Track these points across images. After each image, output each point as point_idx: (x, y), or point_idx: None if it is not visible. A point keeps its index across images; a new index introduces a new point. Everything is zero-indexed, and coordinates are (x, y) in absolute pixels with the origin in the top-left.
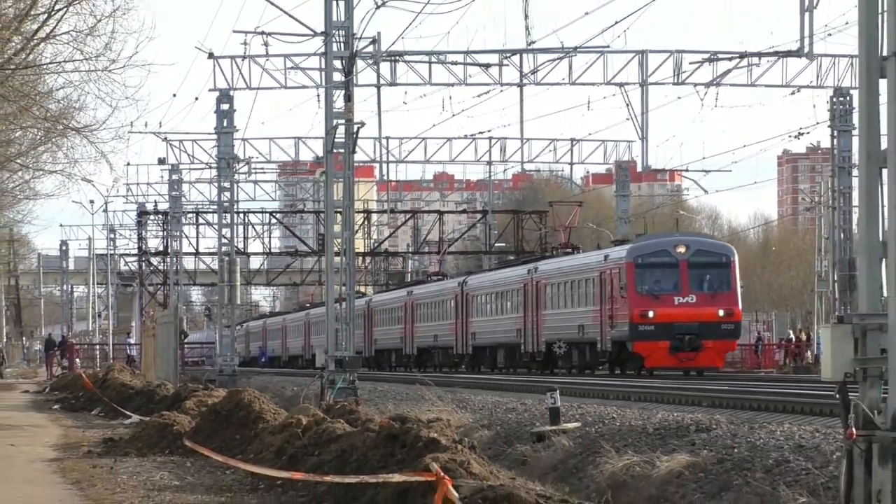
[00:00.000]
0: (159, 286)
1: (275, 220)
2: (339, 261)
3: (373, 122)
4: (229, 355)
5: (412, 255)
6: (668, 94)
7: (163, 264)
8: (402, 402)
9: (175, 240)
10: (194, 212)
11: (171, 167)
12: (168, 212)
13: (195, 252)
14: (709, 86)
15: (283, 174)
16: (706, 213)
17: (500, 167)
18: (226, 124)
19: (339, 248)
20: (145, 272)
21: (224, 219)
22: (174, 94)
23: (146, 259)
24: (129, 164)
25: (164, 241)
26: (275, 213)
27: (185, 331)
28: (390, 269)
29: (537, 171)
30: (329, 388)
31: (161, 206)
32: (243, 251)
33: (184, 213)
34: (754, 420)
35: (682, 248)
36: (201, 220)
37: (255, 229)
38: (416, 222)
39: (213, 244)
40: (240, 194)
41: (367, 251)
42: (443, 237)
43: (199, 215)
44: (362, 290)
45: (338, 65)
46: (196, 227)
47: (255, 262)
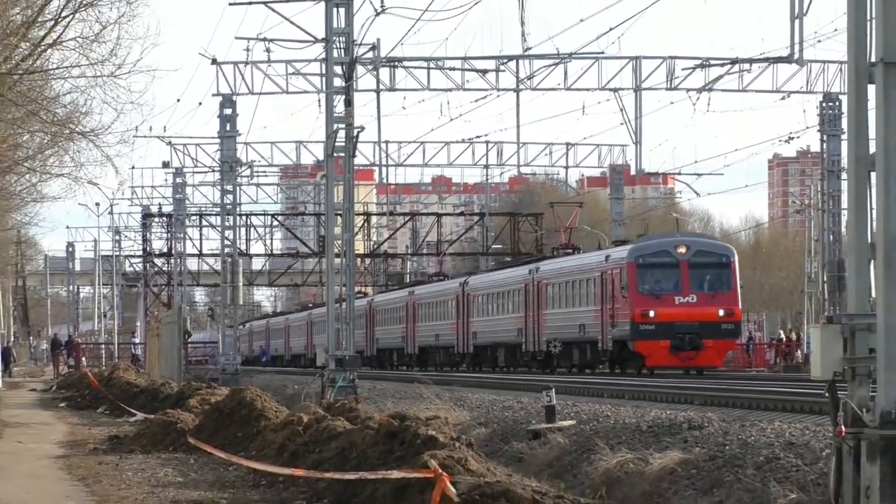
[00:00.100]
0: (163, 287)
1: (276, 223)
2: (339, 262)
3: (372, 127)
4: (232, 354)
5: (411, 257)
6: (661, 99)
7: (167, 265)
8: (401, 401)
9: (179, 241)
10: (198, 214)
11: (175, 170)
12: (172, 214)
13: (198, 253)
14: (701, 91)
15: (284, 177)
16: (698, 215)
17: (497, 171)
18: (228, 128)
19: (340, 249)
20: (150, 273)
21: (227, 221)
22: (178, 99)
23: (151, 260)
24: (134, 167)
25: (169, 242)
26: (276, 216)
27: (189, 330)
28: (389, 271)
29: (533, 175)
30: (329, 386)
31: (165, 209)
32: (245, 252)
33: (187, 215)
34: (745, 418)
35: (682, 249)
36: (204, 223)
37: (257, 231)
38: (415, 224)
39: (216, 246)
40: (242, 197)
41: (366, 253)
42: (441, 239)
43: (203, 217)
44: (364, 290)
45: (338, 70)
46: (199, 229)
47: (257, 264)
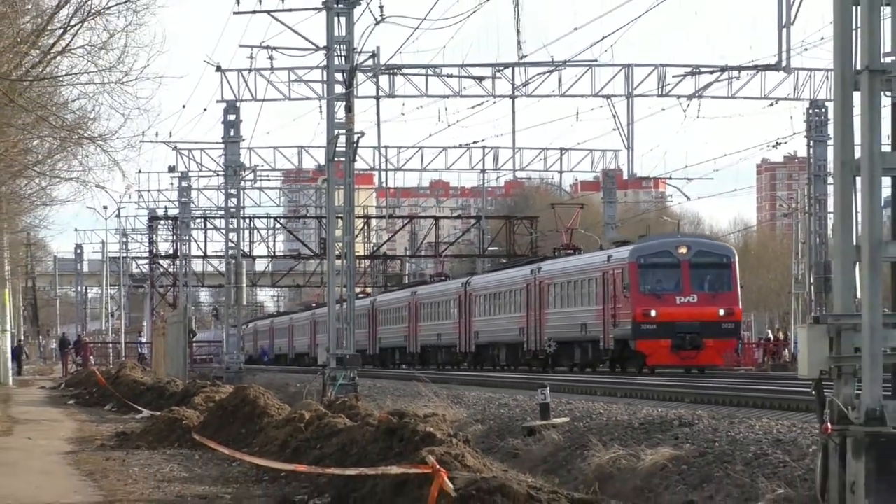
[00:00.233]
0: (169, 287)
1: (279, 225)
2: (340, 263)
3: (372, 132)
4: (236, 353)
5: (410, 259)
6: (652, 105)
7: (172, 267)
8: (400, 398)
9: (184, 243)
10: (202, 217)
11: (181, 174)
12: (178, 217)
13: (203, 255)
14: (691, 98)
15: (286, 181)
16: (689, 218)
17: (493, 175)
18: (233, 134)
19: (340, 251)
20: (156, 274)
21: (231, 223)
22: (184, 106)
23: (157, 262)
24: (140, 171)
25: (174, 244)
26: (279, 219)
27: (194, 330)
28: (389, 272)
29: (528, 179)
30: (331, 384)
31: (171, 212)
32: (249, 254)
33: (192, 218)
34: (734, 415)
35: (683, 249)
36: (209, 225)
37: (260, 233)
38: (414, 227)
39: (220, 248)
40: (246, 200)
41: (366, 254)
42: (439, 241)
43: (207, 220)
44: (366, 290)
45: (339, 77)
46: (204, 232)
47: (261, 265)
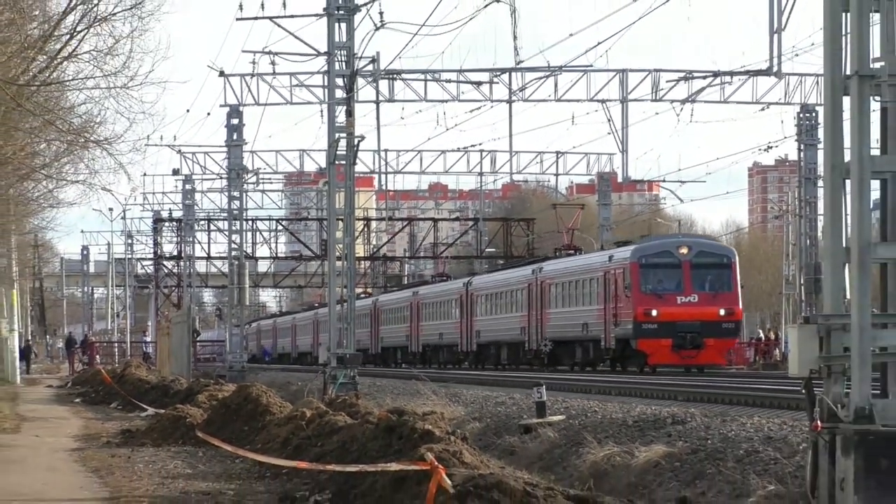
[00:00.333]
0: (173, 288)
1: (281, 227)
2: (340, 265)
3: (372, 136)
4: (238, 352)
5: (409, 260)
6: (646, 110)
7: (177, 268)
8: (399, 397)
9: (188, 245)
10: (206, 219)
11: (185, 177)
12: (182, 219)
13: (207, 256)
14: (684, 102)
15: (288, 184)
16: (682, 220)
17: (491, 178)
18: (235, 137)
19: (341, 252)
20: (160, 275)
21: (234, 225)
22: (188, 110)
23: (161, 263)
24: (145, 174)
25: (178, 246)
26: (281, 221)
27: (198, 330)
28: (388, 273)
29: (525, 182)
30: (331, 383)
31: (175, 214)
32: (251, 255)
33: (196, 220)
34: (726, 413)
35: (684, 250)
36: (212, 227)
37: (262, 235)
38: (413, 229)
39: (223, 249)
40: (248, 203)
41: (366, 256)
42: (437, 242)
43: (211, 222)
44: (367, 291)
45: (339, 82)
46: (208, 234)
47: (263, 266)
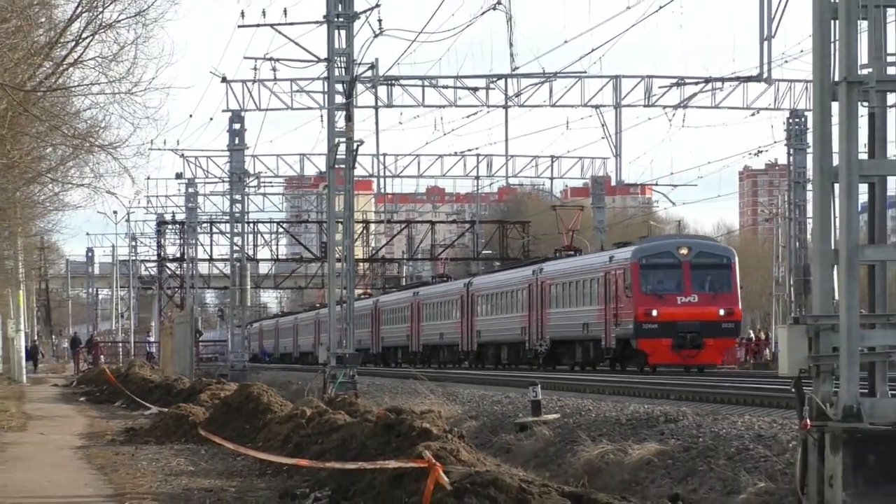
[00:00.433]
0: (176, 289)
1: (281, 230)
2: (340, 266)
3: (371, 141)
4: (240, 352)
5: (407, 261)
6: (639, 115)
7: (180, 269)
8: (397, 396)
9: (191, 247)
10: (208, 222)
11: (188, 181)
12: (185, 222)
13: (209, 258)
14: (677, 108)
15: (289, 187)
16: (674, 223)
17: (487, 181)
18: (237, 142)
19: (341, 254)
20: (164, 276)
21: (235, 228)
22: (191, 115)
23: (164, 265)
24: (149, 178)
25: (181, 248)
26: (282, 223)
27: (200, 330)
28: (387, 274)
29: (520, 185)
30: (331, 382)
31: (178, 217)
32: (253, 257)
33: (199, 223)
34: (718, 412)
35: (684, 250)
36: (215, 230)
37: (263, 238)
38: (411, 231)
39: (225, 251)
40: (250, 206)
41: (365, 257)
42: (435, 245)
43: (213, 225)
44: (367, 291)
45: (339, 88)
46: (210, 236)
47: (264, 268)
